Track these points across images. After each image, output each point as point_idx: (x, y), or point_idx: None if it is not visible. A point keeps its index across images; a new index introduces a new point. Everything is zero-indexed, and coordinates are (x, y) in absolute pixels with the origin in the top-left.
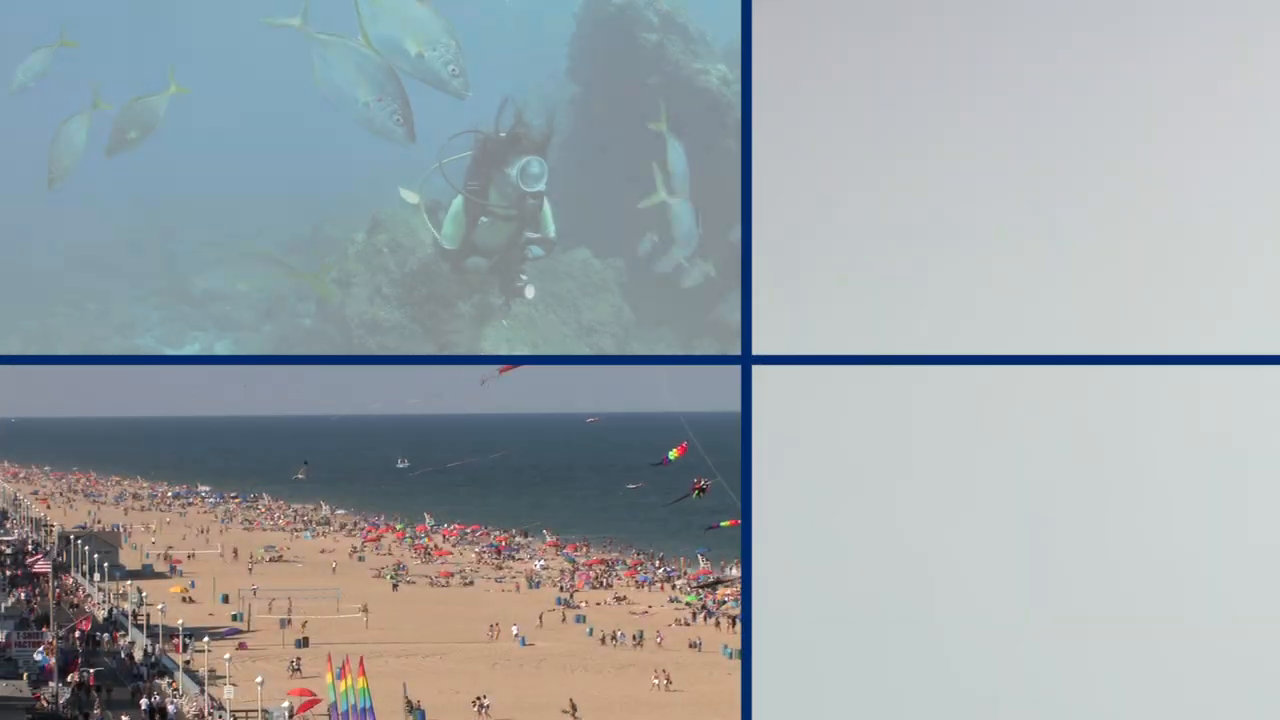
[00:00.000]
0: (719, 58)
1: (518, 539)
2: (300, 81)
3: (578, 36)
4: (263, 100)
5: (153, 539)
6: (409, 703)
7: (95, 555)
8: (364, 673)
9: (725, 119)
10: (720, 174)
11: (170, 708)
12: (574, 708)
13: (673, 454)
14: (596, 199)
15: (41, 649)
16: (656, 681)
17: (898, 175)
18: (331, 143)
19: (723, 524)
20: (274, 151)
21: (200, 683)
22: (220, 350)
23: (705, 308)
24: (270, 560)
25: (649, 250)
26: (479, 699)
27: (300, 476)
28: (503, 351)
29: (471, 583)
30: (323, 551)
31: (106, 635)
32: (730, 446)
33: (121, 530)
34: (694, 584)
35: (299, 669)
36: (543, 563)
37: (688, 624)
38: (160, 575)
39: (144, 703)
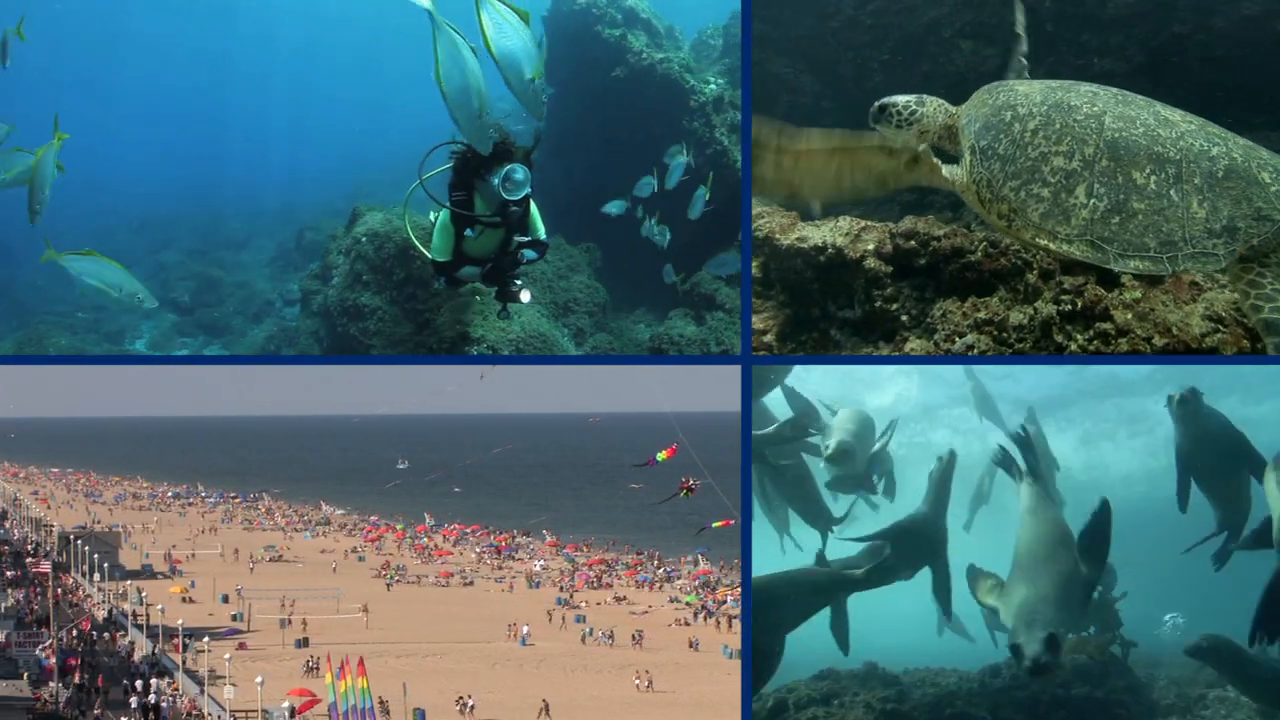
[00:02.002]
0: (682, 48)
1: (518, 539)
2: (296, 85)
3: (548, 38)
4: (255, 107)
5: (153, 539)
6: (380, 701)
7: (95, 555)
8: (364, 672)
9: (687, 102)
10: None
11: (164, 705)
12: (546, 708)
13: (661, 455)
14: (570, 189)
15: (40, 649)
16: (638, 682)
17: None
18: (317, 149)
19: (714, 525)
20: (266, 155)
21: (200, 683)
22: (210, 354)
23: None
24: (270, 560)
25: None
26: (461, 699)
27: (402, 465)
28: (482, 333)
29: (471, 583)
30: (323, 551)
31: (106, 635)
32: (728, 446)
33: (121, 530)
34: (695, 584)
35: (315, 668)
36: (543, 563)
37: (688, 624)
38: (160, 575)
39: (134, 701)
